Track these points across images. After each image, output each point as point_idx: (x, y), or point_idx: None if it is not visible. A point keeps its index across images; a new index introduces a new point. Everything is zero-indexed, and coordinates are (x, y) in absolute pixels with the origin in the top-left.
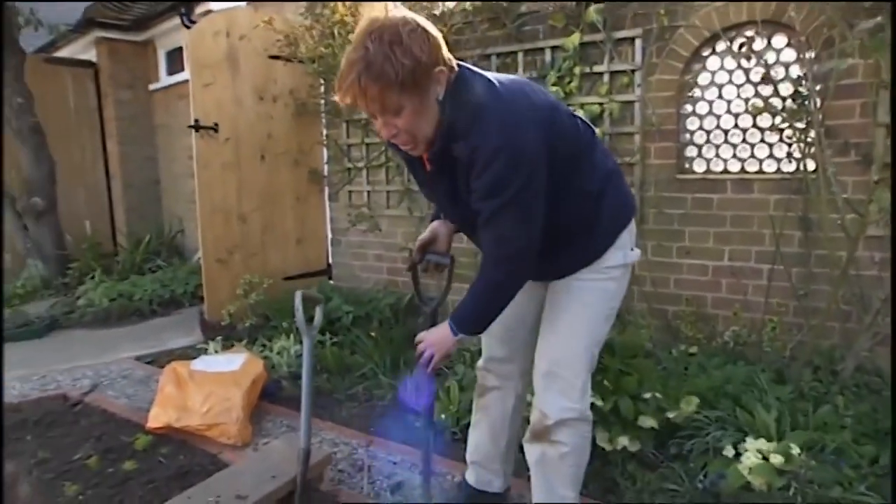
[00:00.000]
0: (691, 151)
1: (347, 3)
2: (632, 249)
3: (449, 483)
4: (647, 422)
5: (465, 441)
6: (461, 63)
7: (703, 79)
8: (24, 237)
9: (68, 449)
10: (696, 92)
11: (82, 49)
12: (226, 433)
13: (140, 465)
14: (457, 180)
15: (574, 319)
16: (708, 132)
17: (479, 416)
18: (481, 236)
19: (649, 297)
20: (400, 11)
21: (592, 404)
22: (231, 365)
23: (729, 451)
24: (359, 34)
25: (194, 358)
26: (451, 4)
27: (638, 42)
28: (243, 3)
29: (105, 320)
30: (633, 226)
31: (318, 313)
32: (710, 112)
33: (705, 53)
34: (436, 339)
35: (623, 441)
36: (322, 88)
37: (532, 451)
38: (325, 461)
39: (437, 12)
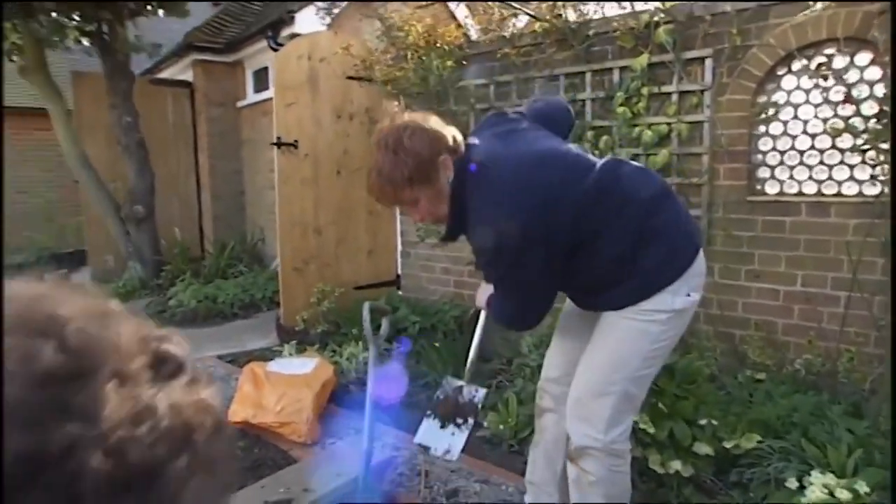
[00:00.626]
0: (763, 172)
1: (420, 28)
2: (688, 295)
3: (504, 493)
4: (703, 448)
5: (521, 454)
6: (472, 140)
7: (778, 98)
8: (127, 241)
9: None
10: (770, 112)
11: (180, 71)
12: (296, 431)
13: None
14: None
15: (608, 355)
16: (782, 153)
17: (537, 436)
18: None
19: (715, 320)
20: (403, 118)
21: (644, 429)
22: (304, 368)
23: (792, 484)
24: (372, 145)
25: (270, 359)
26: (520, 25)
27: (708, 62)
28: (324, 29)
29: (192, 320)
30: (693, 271)
31: (385, 324)
32: (785, 132)
33: (780, 73)
34: (481, 293)
35: (675, 465)
36: (395, 107)
37: (569, 471)
38: (385, 463)
39: (506, 34)
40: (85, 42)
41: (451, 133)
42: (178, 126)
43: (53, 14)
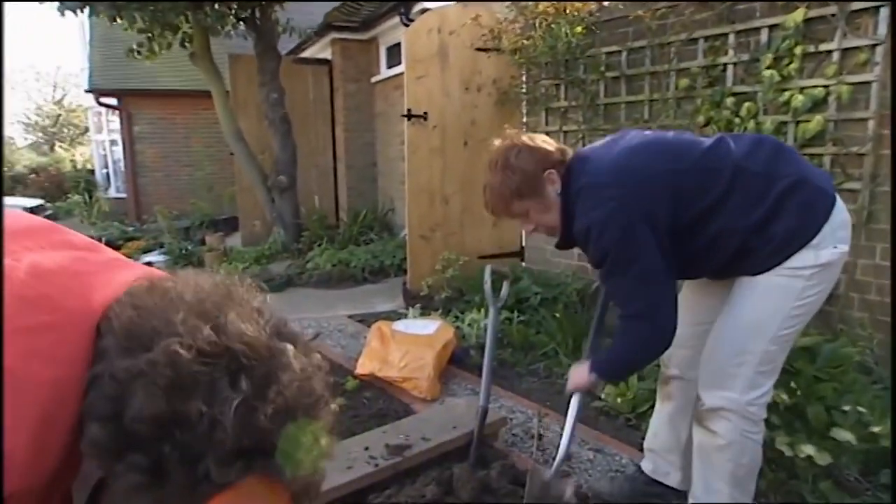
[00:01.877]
0: None
1: None
2: (834, 247)
3: (618, 464)
4: (843, 434)
5: (638, 428)
6: (579, 153)
7: None
8: (271, 208)
9: None
10: None
11: (320, 49)
12: (418, 387)
13: (348, 402)
14: None
15: (748, 314)
16: None
17: (661, 404)
18: None
19: (874, 307)
20: (512, 138)
21: (774, 403)
22: (427, 329)
23: None
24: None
25: (396, 320)
26: None
27: (883, 11)
28: (453, 3)
29: (327, 282)
30: (834, 223)
31: (505, 287)
32: None
33: None
34: (575, 373)
35: (807, 450)
36: (523, 77)
37: (695, 435)
38: (500, 422)
39: None
40: (241, 27)
41: (558, 148)
42: (317, 101)
43: (216, 5)
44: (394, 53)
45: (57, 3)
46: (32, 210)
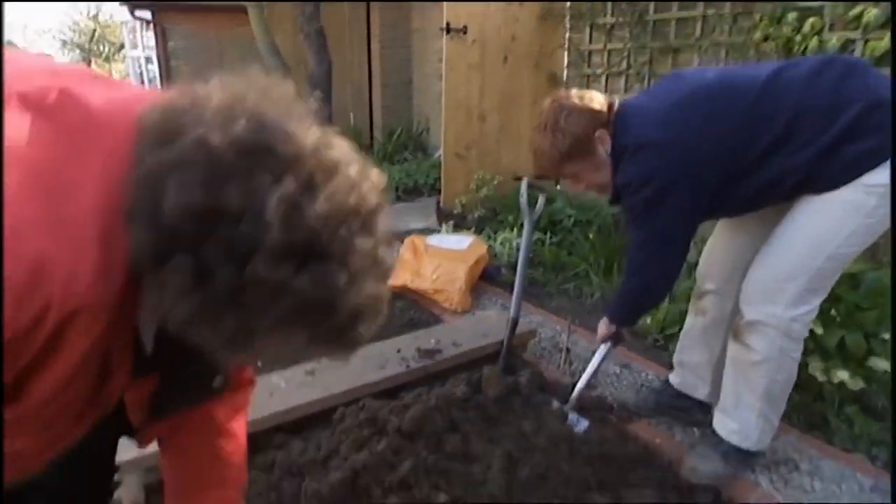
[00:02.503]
0: None
1: None
2: None
3: (644, 379)
4: (880, 364)
5: (666, 349)
6: (625, 107)
7: None
8: None
9: None
10: None
11: None
12: (449, 299)
13: None
14: None
15: (811, 227)
16: None
17: (694, 318)
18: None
19: None
20: (561, 99)
21: (812, 333)
22: (460, 244)
23: None
24: (536, 125)
25: (429, 235)
26: None
27: None
28: None
29: None
30: None
31: (541, 201)
32: None
33: None
34: (600, 325)
35: (842, 375)
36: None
37: (730, 350)
38: (529, 334)
39: None
40: None
41: (608, 104)
42: (353, 16)
43: None
44: None
45: None
46: None
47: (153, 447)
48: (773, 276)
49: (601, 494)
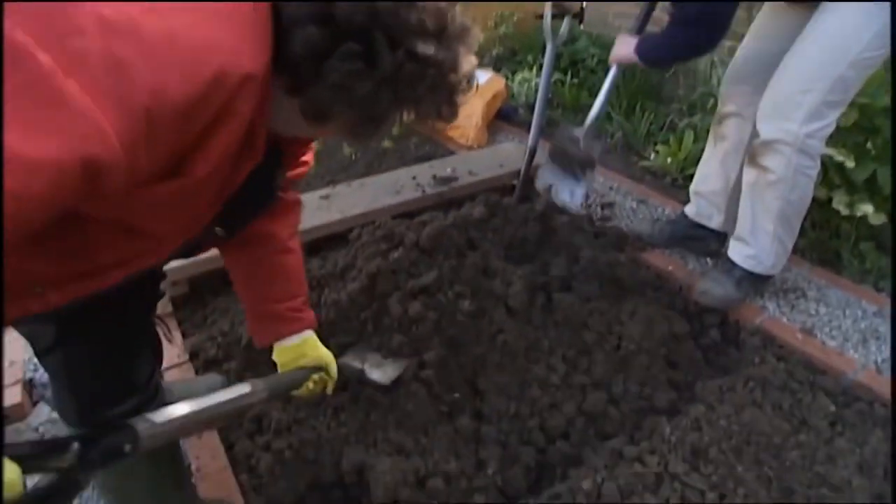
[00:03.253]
0: None
1: None
2: None
3: (660, 214)
4: None
5: (684, 188)
6: None
7: None
8: None
9: None
10: None
11: None
12: (465, 135)
13: (395, 145)
14: None
15: (832, 30)
16: None
17: (713, 147)
18: None
19: None
20: None
21: (838, 165)
22: (477, 79)
23: None
24: None
25: None
26: None
27: None
28: None
29: None
30: None
31: (566, 23)
32: None
33: None
34: (620, 43)
35: (865, 209)
36: None
37: (745, 175)
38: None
39: None
40: None
41: None
42: None
43: None
44: None
45: None
46: None
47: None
48: (790, 88)
49: (609, 304)
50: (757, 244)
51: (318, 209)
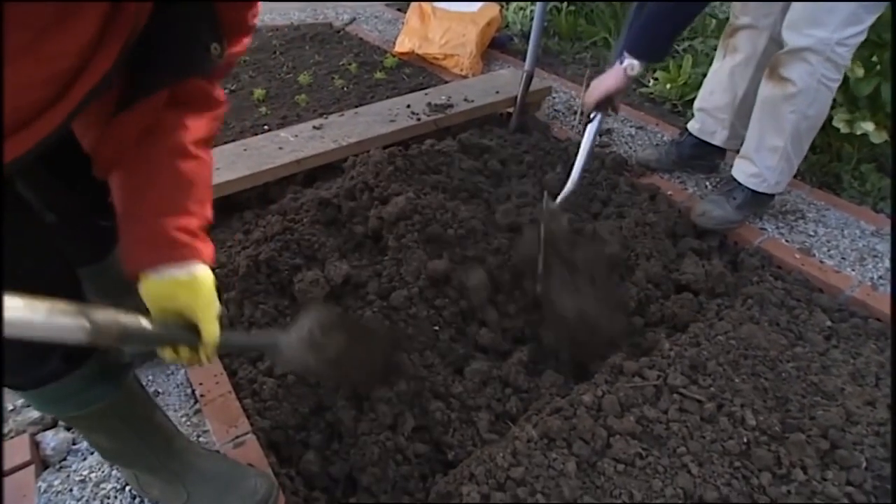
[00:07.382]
0: None
1: None
2: None
3: (659, 140)
4: None
5: (683, 115)
6: None
7: None
8: None
9: (335, 57)
10: None
11: None
12: (459, 64)
13: (387, 76)
14: None
15: None
16: None
17: (723, 59)
18: None
19: None
20: None
21: (845, 79)
22: (470, 6)
23: None
24: None
25: None
26: None
27: None
28: None
29: None
30: None
31: None
32: None
33: None
34: (600, 80)
35: (866, 126)
36: None
37: (762, 89)
38: (544, 90)
39: None
40: None
41: None
42: None
43: None
44: None
45: None
46: None
47: None
48: None
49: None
50: (762, 162)
51: (311, 139)
